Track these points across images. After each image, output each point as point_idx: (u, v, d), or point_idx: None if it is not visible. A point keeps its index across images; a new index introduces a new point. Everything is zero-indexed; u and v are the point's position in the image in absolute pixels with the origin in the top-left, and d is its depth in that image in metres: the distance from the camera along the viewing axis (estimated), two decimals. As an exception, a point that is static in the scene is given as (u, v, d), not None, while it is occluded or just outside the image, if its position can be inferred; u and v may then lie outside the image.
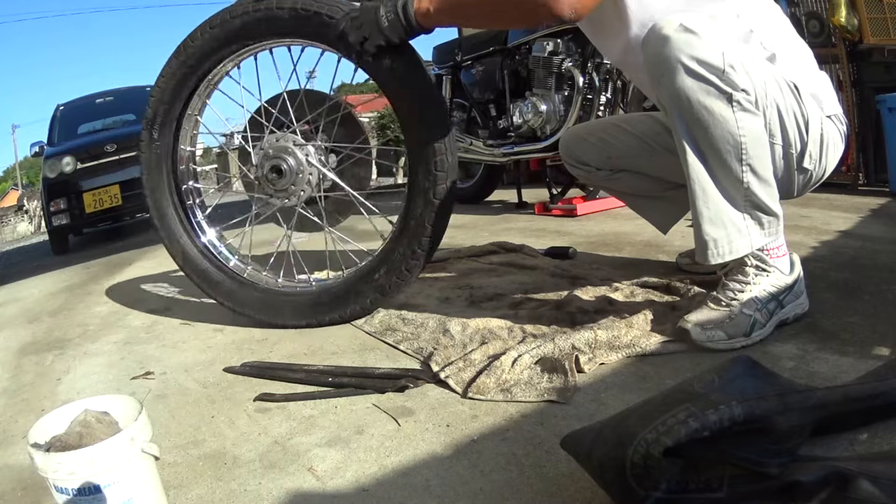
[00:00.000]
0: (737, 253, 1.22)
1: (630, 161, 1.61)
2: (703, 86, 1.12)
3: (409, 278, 1.54)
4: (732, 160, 1.16)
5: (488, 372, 1.18)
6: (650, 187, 1.64)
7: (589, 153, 1.65)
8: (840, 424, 0.85)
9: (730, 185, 1.18)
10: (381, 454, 1.00)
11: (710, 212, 1.19)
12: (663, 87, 1.16)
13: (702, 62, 1.11)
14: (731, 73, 1.12)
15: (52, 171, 5.18)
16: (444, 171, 1.45)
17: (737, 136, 1.14)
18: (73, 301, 2.54)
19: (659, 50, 1.15)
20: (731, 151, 1.15)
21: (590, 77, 2.79)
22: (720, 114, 1.13)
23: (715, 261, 1.22)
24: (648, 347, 1.23)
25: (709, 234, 1.20)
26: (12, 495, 1.04)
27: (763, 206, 1.20)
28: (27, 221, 10.74)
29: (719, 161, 1.17)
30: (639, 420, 0.72)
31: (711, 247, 1.21)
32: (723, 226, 1.20)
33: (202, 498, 0.95)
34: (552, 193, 3.17)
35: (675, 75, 1.13)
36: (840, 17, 2.77)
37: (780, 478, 0.69)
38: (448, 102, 3.61)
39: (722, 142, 1.15)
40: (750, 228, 1.21)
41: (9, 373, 1.70)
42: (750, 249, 1.22)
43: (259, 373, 1.38)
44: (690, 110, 1.14)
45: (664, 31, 1.14)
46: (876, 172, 2.80)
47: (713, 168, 1.18)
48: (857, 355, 1.10)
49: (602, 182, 1.71)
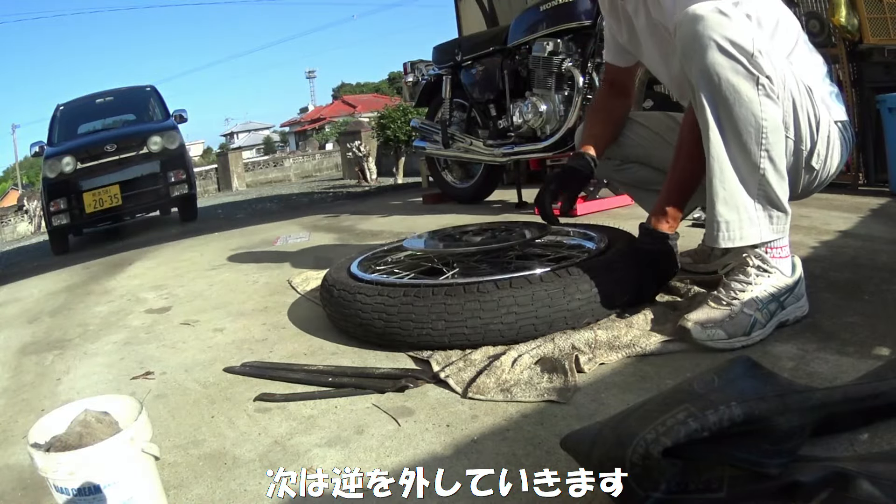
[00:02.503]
0: (746, 240, 1.22)
1: (642, 152, 1.62)
2: (734, 64, 1.14)
3: None
4: (752, 143, 1.17)
5: (488, 372, 1.18)
6: (658, 180, 1.64)
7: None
8: (840, 425, 0.85)
9: (746, 169, 1.19)
10: (381, 454, 1.00)
11: (726, 192, 1.20)
12: (694, 63, 1.18)
13: (733, 42, 1.14)
14: (759, 57, 1.14)
15: (52, 171, 5.18)
16: None
17: (759, 119, 1.16)
18: (73, 301, 2.54)
19: (693, 28, 1.17)
20: (753, 134, 1.16)
21: (590, 77, 2.79)
22: (746, 94, 1.14)
23: (725, 244, 1.22)
24: (648, 347, 1.23)
25: (722, 215, 1.21)
26: (12, 495, 1.04)
27: (774, 200, 1.21)
28: (27, 221, 10.73)
29: (739, 142, 1.18)
30: (638, 420, 0.72)
31: (723, 229, 1.21)
32: (736, 209, 1.20)
33: (202, 498, 0.95)
34: (552, 193, 3.16)
35: (706, 51, 1.15)
36: (840, 17, 2.77)
37: (780, 478, 0.69)
38: (448, 102, 3.61)
39: (745, 122, 1.16)
40: (760, 219, 1.21)
41: (9, 373, 1.70)
42: (759, 240, 1.22)
43: (259, 373, 1.38)
44: (719, 87, 1.16)
45: (699, 11, 1.17)
46: (876, 172, 2.80)
47: (733, 149, 1.19)
48: (857, 355, 1.10)
49: (611, 172, 1.73)
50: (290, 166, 15.28)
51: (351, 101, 36.03)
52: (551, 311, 1.28)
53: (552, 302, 1.28)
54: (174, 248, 3.62)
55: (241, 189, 12.44)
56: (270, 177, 14.60)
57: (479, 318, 1.28)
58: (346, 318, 1.46)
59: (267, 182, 14.00)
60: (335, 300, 1.50)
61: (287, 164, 15.50)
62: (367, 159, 8.79)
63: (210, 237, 3.94)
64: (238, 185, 12.83)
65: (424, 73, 3.91)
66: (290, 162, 15.71)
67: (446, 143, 3.54)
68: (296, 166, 15.36)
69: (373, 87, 44.48)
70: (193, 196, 5.85)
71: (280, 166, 15.32)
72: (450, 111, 3.61)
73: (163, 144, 5.48)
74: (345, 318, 1.46)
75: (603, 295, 1.32)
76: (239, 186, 12.75)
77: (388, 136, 8.30)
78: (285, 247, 3.09)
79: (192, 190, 5.75)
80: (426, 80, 3.87)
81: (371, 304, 1.37)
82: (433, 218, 3.38)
